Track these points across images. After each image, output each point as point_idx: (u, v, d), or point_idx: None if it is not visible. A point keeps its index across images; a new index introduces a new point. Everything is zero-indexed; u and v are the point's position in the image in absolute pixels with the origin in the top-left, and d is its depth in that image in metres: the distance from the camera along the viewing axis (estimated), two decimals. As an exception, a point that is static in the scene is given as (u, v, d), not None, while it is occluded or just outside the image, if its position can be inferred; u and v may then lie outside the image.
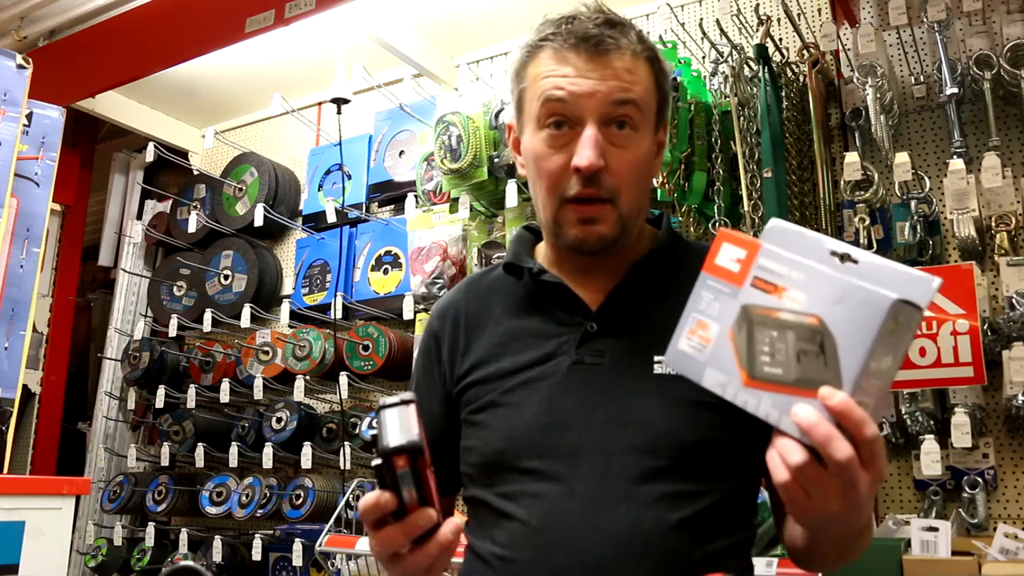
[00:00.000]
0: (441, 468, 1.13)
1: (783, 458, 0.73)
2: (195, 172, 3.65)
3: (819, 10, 2.49)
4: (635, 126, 1.01)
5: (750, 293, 0.77)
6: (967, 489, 2.01)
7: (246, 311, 3.06)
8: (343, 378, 2.79)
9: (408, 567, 0.85)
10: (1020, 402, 1.92)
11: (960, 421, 1.90)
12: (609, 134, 0.99)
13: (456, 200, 2.61)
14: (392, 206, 3.17)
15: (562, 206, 1.02)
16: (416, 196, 2.83)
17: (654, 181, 2.10)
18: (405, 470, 0.79)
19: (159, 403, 3.14)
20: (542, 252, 1.14)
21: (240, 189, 3.39)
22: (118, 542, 3.27)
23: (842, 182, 2.17)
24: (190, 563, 2.77)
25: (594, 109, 0.99)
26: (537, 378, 1.02)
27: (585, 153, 0.97)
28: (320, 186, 3.30)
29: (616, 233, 1.02)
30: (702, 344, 0.80)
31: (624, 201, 1.01)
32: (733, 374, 0.77)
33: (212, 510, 3.03)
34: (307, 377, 2.91)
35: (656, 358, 0.99)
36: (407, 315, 2.75)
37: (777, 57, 2.35)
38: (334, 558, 2.39)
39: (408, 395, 0.83)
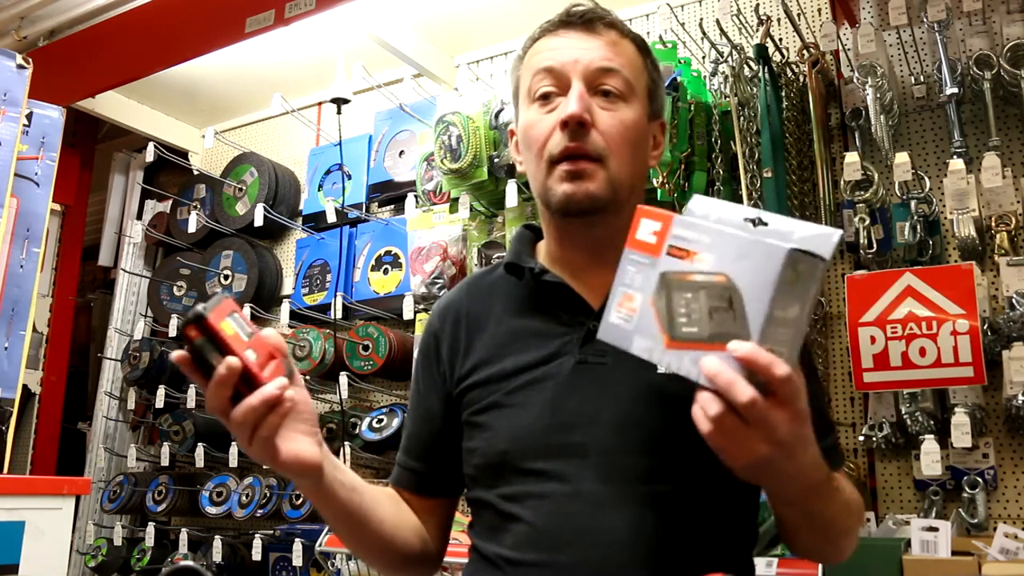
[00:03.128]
0: (442, 468, 1.13)
1: (703, 410, 0.75)
2: (195, 172, 3.65)
3: (819, 10, 2.49)
4: (622, 95, 1.03)
5: (667, 261, 0.81)
6: (967, 489, 2.01)
7: (246, 311, 3.04)
8: (343, 378, 2.79)
9: (236, 425, 0.87)
10: (1020, 402, 1.92)
11: (960, 421, 1.90)
12: (597, 100, 1.02)
13: (456, 200, 2.61)
14: (392, 206, 3.17)
15: (551, 166, 1.02)
16: (416, 196, 2.83)
17: (654, 181, 2.10)
18: (201, 339, 0.84)
19: (159, 403, 3.14)
20: (543, 251, 1.13)
21: (240, 189, 3.39)
22: (118, 542, 3.27)
23: (842, 182, 2.17)
24: (190, 563, 2.77)
25: (580, 72, 1.02)
26: (541, 378, 1.02)
27: (570, 104, 1.00)
28: (320, 186, 3.30)
29: (606, 194, 1.01)
30: (629, 315, 0.83)
31: (614, 164, 1.01)
32: (657, 339, 0.80)
33: (212, 510, 3.03)
34: (307, 377, 2.91)
35: None
36: (407, 315, 2.75)
37: (777, 57, 2.35)
38: (334, 558, 2.39)
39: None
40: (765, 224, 0.79)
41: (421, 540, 1.12)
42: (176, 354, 0.86)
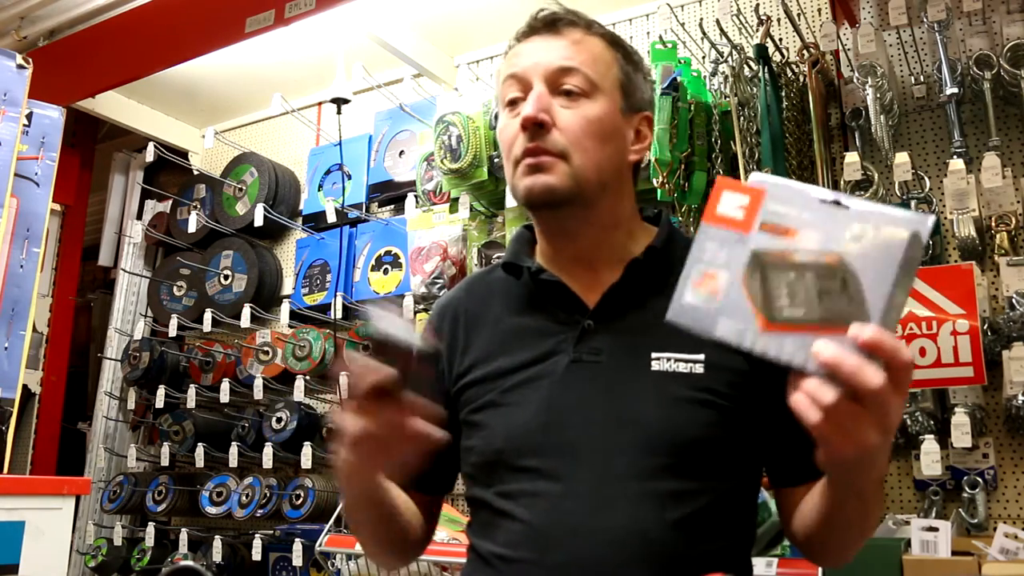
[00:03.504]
0: (434, 466, 1.13)
1: (814, 399, 0.71)
2: (195, 172, 3.65)
3: (819, 10, 2.49)
4: (585, 92, 1.04)
5: (760, 238, 0.75)
6: (967, 489, 2.01)
7: (246, 311, 3.06)
8: (343, 378, 2.78)
9: (374, 442, 0.89)
10: (1020, 402, 1.92)
11: (960, 421, 1.90)
12: (559, 100, 1.04)
13: (456, 200, 2.61)
14: (392, 206, 3.17)
15: (516, 166, 1.04)
16: (416, 196, 2.83)
17: (654, 181, 2.10)
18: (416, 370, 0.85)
19: (159, 403, 3.14)
20: (540, 251, 1.14)
21: (240, 189, 3.39)
22: (118, 542, 3.27)
23: (842, 182, 2.17)
24: (190, 563, 2.77)
25: (540, 74, 1.04)
26: (536, 377, 1.02)
27: (526, 106, 1.02)
28: (320, 186, 3.30)
29: (566, 186, 1.01)
30: (711, 295, 0.76)
31: (577, 158, 1.02)
32: (749, 321, 0.74)
33: (212, 510, 3.02)
34: (307, 377, 2.91)
35: (654, 355, 0.99)
36: (407, 315, 2.75)
37: (777, 57, 2.35)
38: (334, 558, 2.39)
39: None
40: (845, 207, 0.75)
41: (422, 528, 1.16)
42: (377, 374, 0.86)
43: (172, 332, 3.25)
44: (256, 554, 2.90)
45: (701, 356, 0.99)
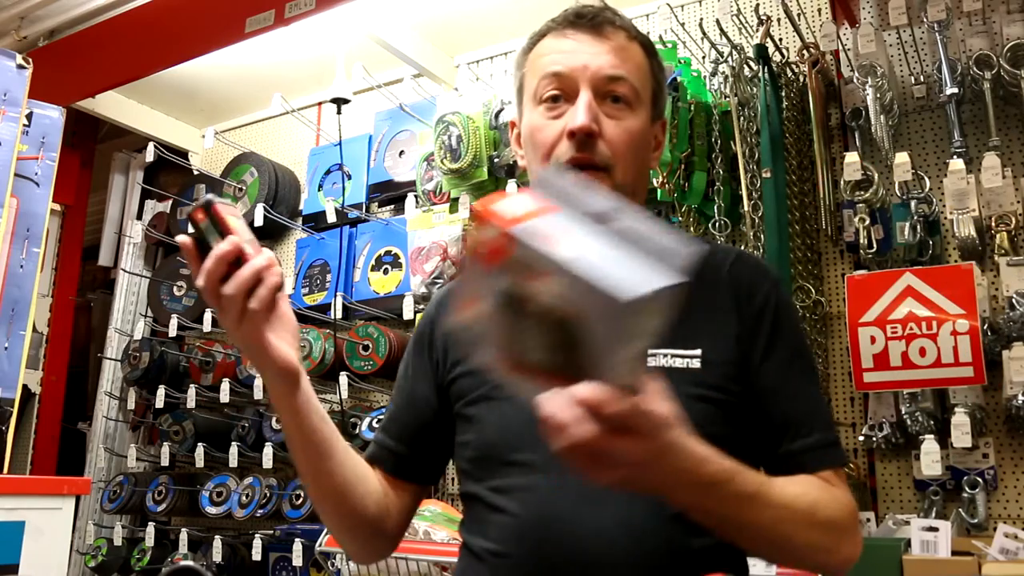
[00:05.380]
0: (417, 453, 1.13)
1: (551, 435, 0.73)
2: (195, 172, 3.65)
3: (819, 10, 2.49)
4: (629, 102, 1.03)
5: (504, 278, 0.72)
6: (967, 489, 2.01)
7: (246, 311, 3.05)
8: (343, 378, 2.79)
9: (227, 300, 0.89)
10: (1020, 402, 1.92)
11: (960, 421, 1.90)
12: (604, 107, 1.02)
13: (456, 200, 2.61)
14: (392, 206, 3.17)
15: None
16: (416, 196, 2.83)
17: (654, 181, 2.10)
18: (206, 222, 0.91)
19: (159, 403, 3.14)
20: None
21: (240, 189, 3.39)
22: (118, 542, 3.27)
23: (842, 182, 2.17)
24: (190, 563, 2.77)
25: (588, 79, 1.02)
26: None
27: (578, 115, 1.00)
28: (320, 186, 3.30)
29: None
30: (478, 318, 0.76)
31: (619, 172, 1.01)
32: (496, 357, 0.76)
33: (212, 510, 3.02)
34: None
35: (650, 350, 0.99)
36: (407, 315, 2.75)
37: (777, 57, 2.35)
38: (334, 558, 2.39)
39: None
40: (617, 223, 0.72)
41: (379, 508, 1.09)
42: (181, 237, 0.91)
43: (172, 332, 3.25)
44: (256, 554, 2.90)
45: (698, 351, 0.99)
